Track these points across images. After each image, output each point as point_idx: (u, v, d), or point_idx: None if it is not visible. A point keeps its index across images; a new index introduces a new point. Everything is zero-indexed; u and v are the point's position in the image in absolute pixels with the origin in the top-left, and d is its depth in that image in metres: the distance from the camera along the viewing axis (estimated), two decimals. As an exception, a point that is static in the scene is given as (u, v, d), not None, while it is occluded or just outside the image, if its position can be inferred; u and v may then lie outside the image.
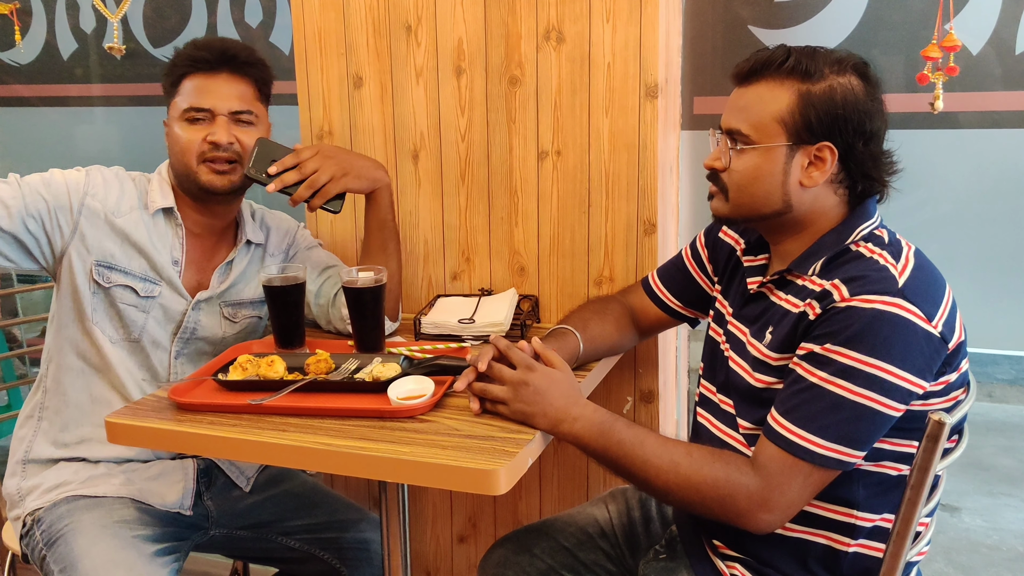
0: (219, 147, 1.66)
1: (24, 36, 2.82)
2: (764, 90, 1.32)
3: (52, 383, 1.72)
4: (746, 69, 1.35)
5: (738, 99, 1.36)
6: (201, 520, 1.76)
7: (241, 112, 1.69)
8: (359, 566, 1.85)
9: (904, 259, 1.26)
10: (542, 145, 1.90)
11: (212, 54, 1.69)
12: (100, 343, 1.68)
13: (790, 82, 1.31)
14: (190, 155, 1.66)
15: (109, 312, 1.68)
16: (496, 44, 1.89)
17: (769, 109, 1.31)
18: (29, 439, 1.73)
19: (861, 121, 1.29)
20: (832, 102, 1.29)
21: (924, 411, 1.18)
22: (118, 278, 1.67)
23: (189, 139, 1.66)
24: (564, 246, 1.93)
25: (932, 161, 1.97)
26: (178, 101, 1.69)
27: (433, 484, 1.26)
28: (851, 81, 1.30)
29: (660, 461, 1.28)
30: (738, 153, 1.35)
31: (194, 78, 1.68)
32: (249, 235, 1.80)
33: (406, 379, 1.44)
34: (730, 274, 1.54)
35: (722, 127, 1.38)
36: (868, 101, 1.31)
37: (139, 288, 1.68)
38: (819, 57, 1.31)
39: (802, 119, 1.30)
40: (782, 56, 1.32)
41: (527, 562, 1.62)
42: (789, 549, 1.34)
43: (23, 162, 3.04)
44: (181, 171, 1.69)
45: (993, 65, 1.87)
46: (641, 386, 1.95)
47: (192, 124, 1.67)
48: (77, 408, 1.70)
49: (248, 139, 1.69)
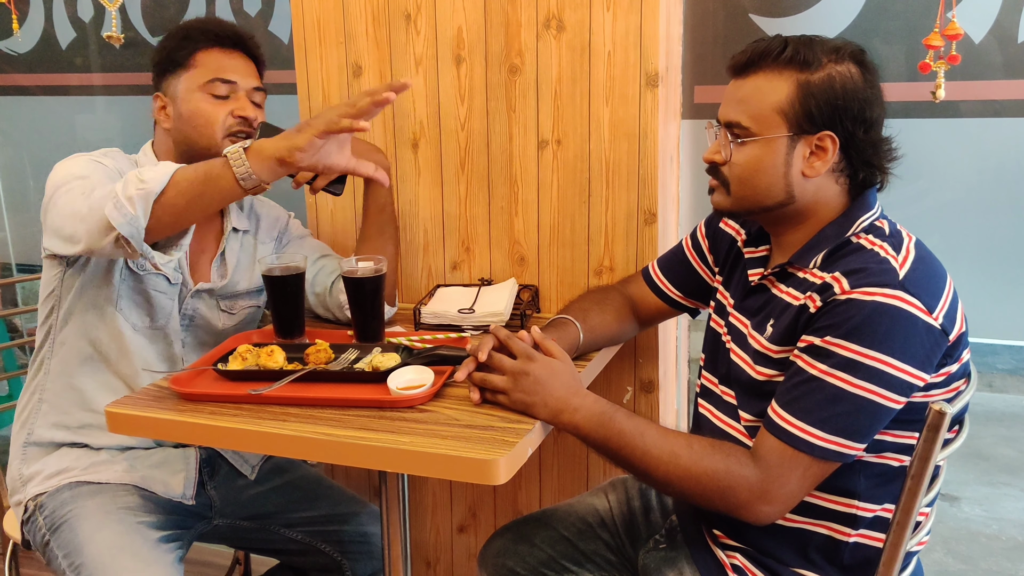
0: (246, 121, 1.66)
1: (22, 25, 2.81)
2: (762, 81, 1.32)
3: (58, 365, 1.70)
4: (743, 60, 1.34)
5: (736, 91, 1.35)
6: (204, 509, 1.76)
7: (259, 89, 1.70)
8: (360, 559, 1.85)
9: (905, 251, 1.25)
10: (542, 134, 1.89)
11: (228, 32, 1.69)
12: (122, 329, 1.67)
13: (788, 72, 1.30)
14: (215, 128, 1.65)
15: (137, 299, 1.67)
16: (496, 32, 1.88)
17: (769, 100, 1.31)
18: (31, 421, 1.72)
19: (861, 109, 1.29)
20: (832, 91, 1.28)
21: (926, 402, 1.17)
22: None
23: (215, 113, 1.65)
24: (564, 236, 1.93)
25: (933, 150, 1.96)
26: (194, 74, 1.66)
27: (433, 474, 1.26)
28: (849, 69, 1.30)
29: (660, 452, 1.28)
30: (739, 146, 1.34)
31: (212, 52, 1.67)
32: (235, 222, 1.79)
33: (406, 369, 1.44)
34: (731, 265, 1.54)
35: (720, 120, 1.37)
36: (867, 88, 1.30)
37: (171, 275, 1.68)
38: (816, 46, 1.30)
39: (802, 109, 1.29)
40: (779, 46, 1.31)
41: (527, 552, 1.62)
42: (790, 539, 1.34)
43: (24, 152, 3.04)
44: (201, 144, 1.66)
45: (995, 54, 1.86)
46: (641, 376, 1.95)
47: (214, 99, 1.65)
48: (81, 393, 1.70)
49: (261, 118, 1.69)
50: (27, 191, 3.07)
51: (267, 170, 1.39)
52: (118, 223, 1.38)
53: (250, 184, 1.39)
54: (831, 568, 1.34)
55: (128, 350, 1.68)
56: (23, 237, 3.11)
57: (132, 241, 1.40)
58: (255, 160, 1.38)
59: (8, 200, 3.10)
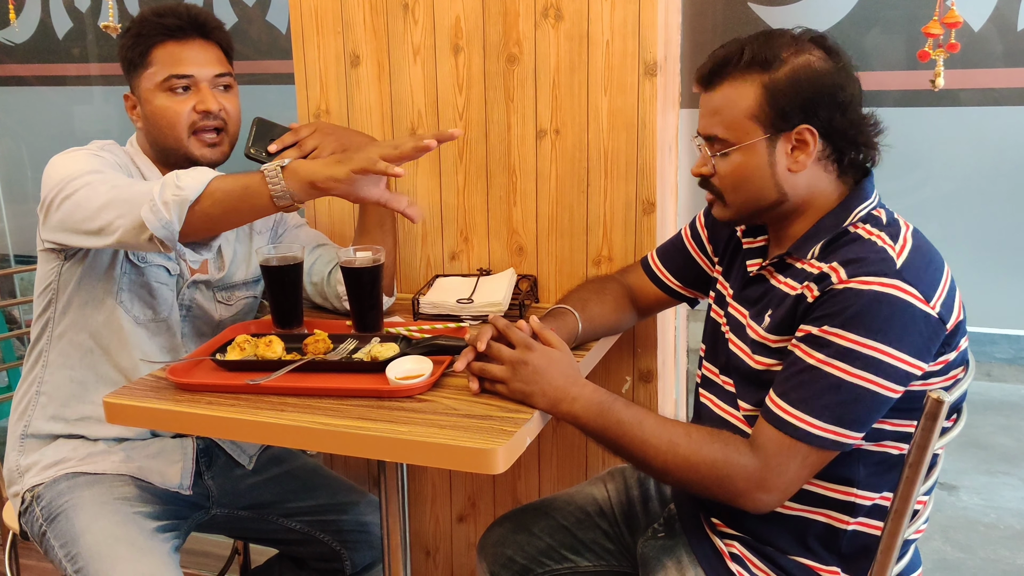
0: (210, 115, 1.64)
1: (19, 15, 2.80)
2: (729, 90, 1.32)
3: (56, 358, 1.70)
4: (706, 72, 1.35)
5: (707, 104, 1.36)
6: (202, 499, 1.76)
7: (222, 75, 1.67)
8: (358, 548, 1.86)
9: (902, 240, 1.25)
10: (540, 124, 1.89)
11: (182, 20, 1.65)
12: (122, 322, 1.66)
13: (752, 76, 1.30)
14: (179, 128, 1.63)
15: (139, 292, 1.66)
16: (494, 22, 1.88)
17: (739, 108, 1.31)
18: (28, 413, 1.72)
19: (832, 94, 1.29)
20: (797, 84, 1.28)
21: (924, 391, 1.17)
22: (153, 257, 1.65)
23: (176, 110, 1.63)
24: (563, 225, 1.92)
25: (933, 139, 1.96)
26: (152, 72, 1.64)
27: (431, 463, 1.26)
28: (811, 57, 1.29)
29: (659, 441, 1.29)
30: (721, 158, 1.35)
31: (166, 46, 1.64)
32: None
33: (404, 359, 1.44)
34: (731, 255, 1.54)
35: (700, 134, 1.38)
36: (834, 72, 1.29)
37: (170, 267, 1.68)
38: (774, 42, 1.30)
39: (772, 110, 1.29)
40: (737, 52, 1.31)
41: (526, 541, 1.62)
42: (788, 527, 1.35)
43: (22, 142, 3.03)
44: (168, 145, 1.65)
45: (995, 42, 1.86)
46: (640, 366, 1.95)
47: (175, 94, 1.63)
48: (80, 386, 1.69)
49: (231, 105, 1.67)
50: (25, 182, 3.06)
51: (302, 191, 1.41)
52: (153, 226, 1.40)
53: (284, 203, 1.41)
54: (829, 556, 1.34)
55: (128, 343, 1.67)
56: (21, 228, 3.10)
57: (167, 242, 1.43)
58: (291, 180, 1.39)
59: (6, 191, 3.10)
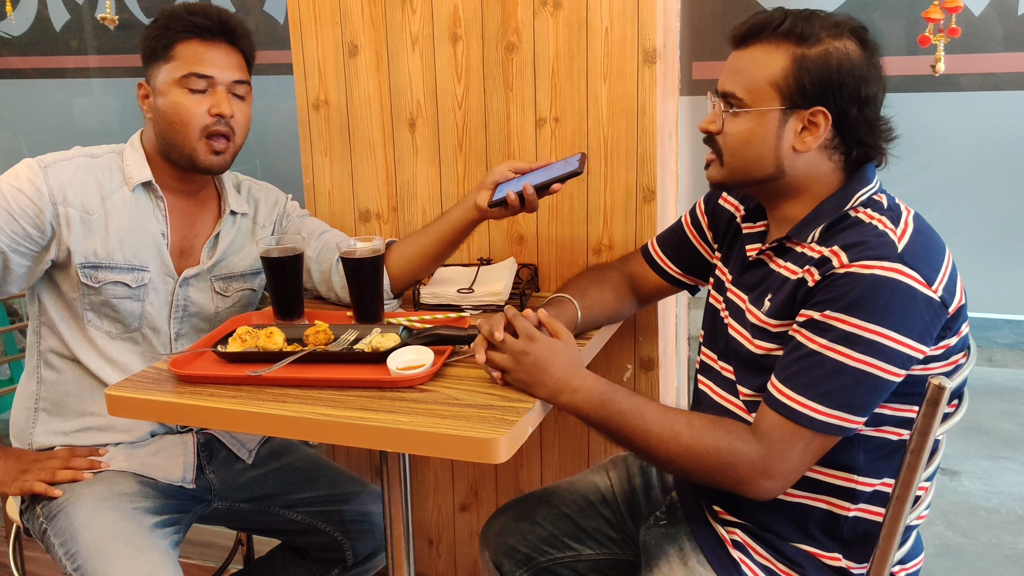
0: (222, 119, 1.62)
1: (15, 7, 2.79)
2: (759, 53, 1.31)
3: (49, 375, 1.71)
4: (742, 32, 1.34)
5: (734, 62, 1.35)
6: (203, 493, 1.76)
7: (240, 82, 1.66)
8: (361, 538, 1.86)
9: (903, 224, 1.25)
10: (540, 112, 1.88)
11: (212, 21, 1.63)
12: (99, 342, 1.67)
13: (785, 45, 1.29)
14: (192, 127, 1.61)
15: (104, 310, 1.66)
16: (492, 10, 1.87)
17: (763, 72, 1.30)
18: (30, 433, 1.73)
19: (856, 86, 1.28)
20: (827, 66, 1.27)
21: (925, 376, 1.18)
22: (106, 275, 1.64)
23: (191, 110, 1.61)
24: (563, 214, 1.92)
25: (933, 124, 1.95)
26: (173, 66, 1.62)
27: (433, 453, 1.26)
28: (847, 45, 1.29)
29: (661, 431, 1.28)
30: (732, 116, 1.34)
31: (191, 44, 1.62)
32: (232, 205, 1.77)
33: (405, 349, 1.44)
34: (730, 241, 1.54)
35: (718, 90, 1.37)
36: (864, 66, 1.29)
37: (129, 280, 1.66)
38: (816, 21, 1.30)
39: (796, 83, 1.28)
40: (779, 19, 1.30)
41: (528, 529, 1.63)
42: (789, 514, 1.35)
43: (21, 135, 3.03)
44: (175, 142, 1.64)
45: (995, 27, 1.85)
46: (641, 354, 1.95)
47: (191, 93, 1.62)
48: (76, 399, 1.71)
49: (242, 114, 1.66)
50: (24, 175, 3.05)
51: None
52: None
53: None
54: (831, 542, 1.34)
55: (112, 357, 1.68)
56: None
57: None
58: None
59: (5, 184, 3.09)
